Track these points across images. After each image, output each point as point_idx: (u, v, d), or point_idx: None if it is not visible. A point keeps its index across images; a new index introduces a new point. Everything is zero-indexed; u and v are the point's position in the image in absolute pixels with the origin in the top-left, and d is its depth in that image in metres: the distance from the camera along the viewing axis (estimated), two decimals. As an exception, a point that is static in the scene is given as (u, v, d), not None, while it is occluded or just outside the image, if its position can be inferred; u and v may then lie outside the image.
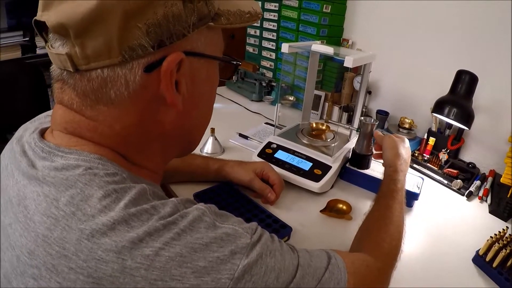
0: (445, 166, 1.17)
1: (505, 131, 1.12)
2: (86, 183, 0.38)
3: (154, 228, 0.36)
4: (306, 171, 0.97)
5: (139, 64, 0.40)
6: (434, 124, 1.27)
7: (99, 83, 0.40)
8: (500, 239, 0.78)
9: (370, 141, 1.02)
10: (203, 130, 0.57)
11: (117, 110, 0.42)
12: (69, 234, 0.35)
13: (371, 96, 1.53)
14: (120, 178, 0.40)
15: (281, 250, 0.43)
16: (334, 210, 0.88)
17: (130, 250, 0.34)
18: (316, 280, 0.44)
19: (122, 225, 0.35)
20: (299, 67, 1.58)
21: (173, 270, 0.34)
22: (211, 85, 0.52)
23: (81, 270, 0.34)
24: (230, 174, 0.90)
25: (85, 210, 0.36)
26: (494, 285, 0.74)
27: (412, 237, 0.86)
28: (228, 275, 0.36)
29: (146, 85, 0.41)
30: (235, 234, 0.39)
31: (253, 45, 1.86)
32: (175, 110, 0.45)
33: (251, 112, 1.56)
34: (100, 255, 0.34)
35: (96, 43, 0.38)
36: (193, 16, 0.42)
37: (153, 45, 0.40)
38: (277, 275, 0.40)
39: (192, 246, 0.36)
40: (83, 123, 0.43)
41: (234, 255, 0.37)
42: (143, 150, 0.47)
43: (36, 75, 2.04)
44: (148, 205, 0.38)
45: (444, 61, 1.28)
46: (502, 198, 0.99)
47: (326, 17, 1.49)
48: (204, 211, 0.40)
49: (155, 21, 0.39)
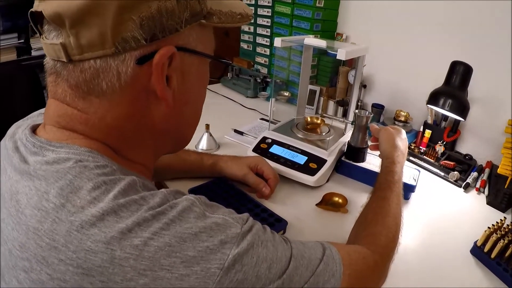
0: (441, 158, 1.16)
1: (501, 122, 1.12)
2: (75, 175, 0.38)
3: (143, 218, 0.36)
4: (302, 165, 0.96)
5: (131, 56, 0.41)
6: (430, 117, 1.27)
7: (92, 74, 0.40)
8: (498, 230, 0.78)
9: (365, 134, 1.02)
10: (193, 127, 0.57)
11: (108, 101, 0.42)
12: (59, 226, 0.35)
13: (366, 90, 1.52)
14: (110, 170, 0.40)
15: (273, 241, 0.42)
16: (330, 204, 0.87)
17: (119, 241, 0.34)
18: (310, 272, 0.43)
19: (112, 215, 0.35)
20: (294, 62, 1.57)
21: (162, 260, 0.34)
22: (201, 82, 0.52)
23: (71, 261, 0.34)
24: (224, 169, 0.90)
25: (74, 202, 0.36)
26: (492, 276, 0.73)
27: (410, 229, 0.85)
28: (218, 264, 0.35)
29: (138, 78, 0.42)
30: (225, 224, 0.39)
31: (247, 42, 1.85)
32: (165, 105, 0.46)
33: (247, 108, 1.55)
34: (89, 246, 0.34)
35: (91, 33, 0.38)
36: (186, 12, 0.43)
37: (146, 38, 0.40)
38: (269, 266, 0.39)
39: (181, 236, 0.36)
40: (75, 116, 0.43)
41: (224, 244, 0.37)
42: (134, 145, 0.47)
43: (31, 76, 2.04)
44: (138, 196, 0.38)
45: (439, 53, 1.27)
46: (500, 189, 0.99)
47: (319, 11, 1.48)
48: (194, 201, 0.40)
49: (149, 14, 0.39)
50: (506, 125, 1.03)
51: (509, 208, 0.99)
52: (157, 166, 0.86)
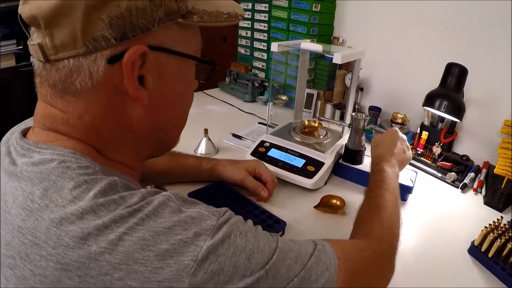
0: (438, 160, 1.17)
1: (497, 123, 1.13)
2: (58, 175, 0.39)
3: (119, 216, 0.36)
4: (299, 168, 0.97)
5: (102, 56, 0.41)
6: (427, 118, 1.28)
7: (66, 73, 0.42)
8: (495, 229, 0.78)
9: (362, 136, 1.02)
10: (177, 129, 0.56)
11: (84, 100, 0.43)
12: (40, 224, 0.36)
13: (363, 93, 1.53)
14: (92, 171, 0.41)
15: (255, 233, 0.42)
16: (328, 206, 0.88)
17: (95, 237, 0.35)
18: (300, 265, 0.43)
19: (90, 214, 0.36)
20: (291, 67, 1.58)
21: (136, 253, 0.35)
22: (184, 84, 0.51)
23: (51, 257, 0.35)
24: (223, 173, 0.90)
25: (57, 201, 0.37)
26: (490, 275, 0.74)
27: (407, 230, 0.85)
28: (192, 256, 0.36)
29: (110, 77, 0.42)
30: (200, 217, 0.39)
31: (244, 47, 1.86)
32: (140, 105, 0.46)
33: (245, 112, 1.56)
34: (67, 242, 0.35)
35: (63, 34, 0.39)
36: (160, 11, 0.42)
37: (116, 37, 0.40)
38: (248, 256, 0.39)
39: (155, 230, 0.36)
40: (57, 117, 0.44)
41: (198, 237, 0.37)
42: (115, 145, 0.48)
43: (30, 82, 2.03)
44: (117, 195, 0.39)
45: (435, 55, 1.28)
46: (497, 189, 1.00)
47: (315, 16, 1.49)
48: (170, 197, 0.40)
49: (118, 13, 0.40)
50: (502, 126, 1.04)
51: (506, 208, 0.99)
52: (156, 170, 0.88)
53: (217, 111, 1.57)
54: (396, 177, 0.80)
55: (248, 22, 1.79)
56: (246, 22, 1.80)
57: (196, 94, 1.86)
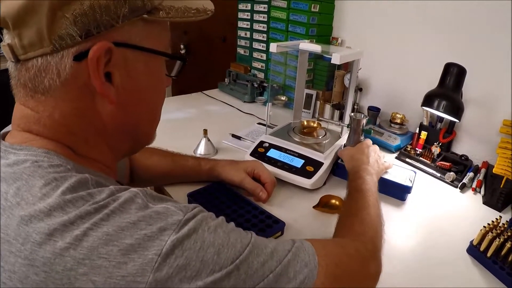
0: (437, 159, 1.17)
1: (496, 122, 1.13)
2: (30, 175, 0.40)
3: (85, 212, 0.37)
4: (298, 168, 0.97)
5: (68, 53, 0.42)
6: (425, 118, 1.28)
7: (35, 72, 0.43)
8: (494, 229, 0.78)
9: (360, 136, 1.03)
10: (150, 125, 0.57)
11: (53, 98, 0.44)
12: (11, 221, 0.37)
13: (362, 93, 1.53)
14: (63, 169, 0.42)
15: (225, 228, 0.42)
16: (327, 206, 0.88)
17: (61, 232, 0.35)
18: (276, 261, 0.42)
19: (58, 211, 0.37)
20: (290, 67, 1.59)
21: (100, 248, 0.35)
22: (153, 80, 0.52)
23: (19, 253, 0.36)
24: (222, 174, 0.90)
25: (27, 199, 0.38)
26: (489, 274, 0.74)
27: (406, 230, 0.86)
28: (156, 251, 0.36)
29: (77, 74, 0.43)
30: (166, 212, 0.39)
31: (244, 47, 1.86)
32: (109, 101, 0.46)
33: (244, 113, 1.56)
34: (35, 238, 0.35)
35: (30, 33, 0.41)
36: (124, 8, 0.43)
37: (81, 34, 0.41)
38: (217, 251, 0.38)
39: (119, 225, 0.37)
40: (30, 116, 0.45)
41: (163, 231, 0.37)
42: (88, 142, 0.48)
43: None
44: (85, 192, 0.39)
45: (434, 55, 1.28)
46: (496, 188, 1.00)
47: (314, 16, 1.50)
48: (137, 193, 0.40)
49: (81, 11, 0.40)
50: (501, 125, 1.05)
51: (505, 208, 0.99)
52: (155, 172, 0.88)
53: (217, 112, 1.57)
54: (373, 183, 0.81)
55: (247, 23, 1.79)
56: (245, 23, 1.80)
57: (196, 94, 1.87)
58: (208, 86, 1.86)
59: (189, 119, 1.45)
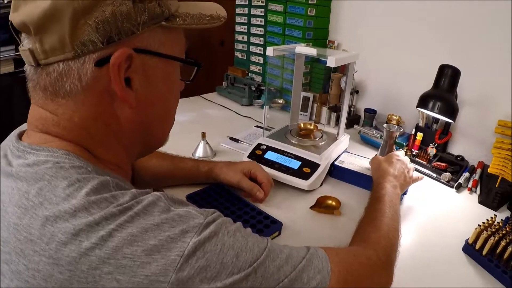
0: (433, 160, 1.18)
1: (491, 123, 1.14)
2: (52, 175, 0.41)
3: (110, 213, 0.38)
4: (296, 170, 0.98)
5: (90, 59, 0.43)
6: (421, 119, 1.29)
7: (56, 77, 0.43)
8: (489, 227, 0.79)
9: (393, 147, 1.03)
10: (165, 128, 0.58)
11: (74, 102, 0.45)
12: (35, 221, 0.38)
13: (358, 95, 1.55)
14: (85, 171, 0.43)
15: (243, 232, 0.43)
16: (324, 206, 0.89)
17: (87, 233, 0.37)
18: (291, 267, 0.44)
19: (83, 212, 0.38)
20: (287, 70, 1.60)
21: (124, 249, 0.36)
22: (169, 84, 0.53)
23: (44, 252, 0.36)
24: (219, 175, 0.91)
25: (51, 199, 0.39)
26: (484, 272, 0.74)
27: (403, 229, 0.85)
28: (178, 252, 0.37)
29: (98, 79, 0.44)
30: (188, 215, 0.40)
31: (241, 51, 1.88)
32: (128, 106, 0.48)
33: (242, 116, 1.57)
34: (60, 238, 0.36)
35: (52, 39, 0.42)
36: (144, 15, 0.45)
37: (103, 41, 0.43)
38: (236, 254, 0.40)
39: (143, 227, 0.38)
40: (48, 119, 0.46)
41: (186, 233, 0.38)
42: (105, 145, 0.49)
43: (29, 88, 2.05)
44: (109, 194, 0.40)
45: (429, 57, 1.30)
46: (491, 188, 1.01)
47: (311, 20, 1.51)
48: (160, 197, 0.42)
49: (103, 18, 0.42)
50: (496, 125, 1.06)
51: (501, 207, 1.00)
52: (155, 174, 0.89)
53: (215, 115, 1.58)
54: (395, 194, 0.81)
55: (244, 27, 1.81)
56: (242, 26, 1.81)
57: (194, 98, 1.88)
58: (206, 89, 1.87)
59: (187, 122, 1.46)
